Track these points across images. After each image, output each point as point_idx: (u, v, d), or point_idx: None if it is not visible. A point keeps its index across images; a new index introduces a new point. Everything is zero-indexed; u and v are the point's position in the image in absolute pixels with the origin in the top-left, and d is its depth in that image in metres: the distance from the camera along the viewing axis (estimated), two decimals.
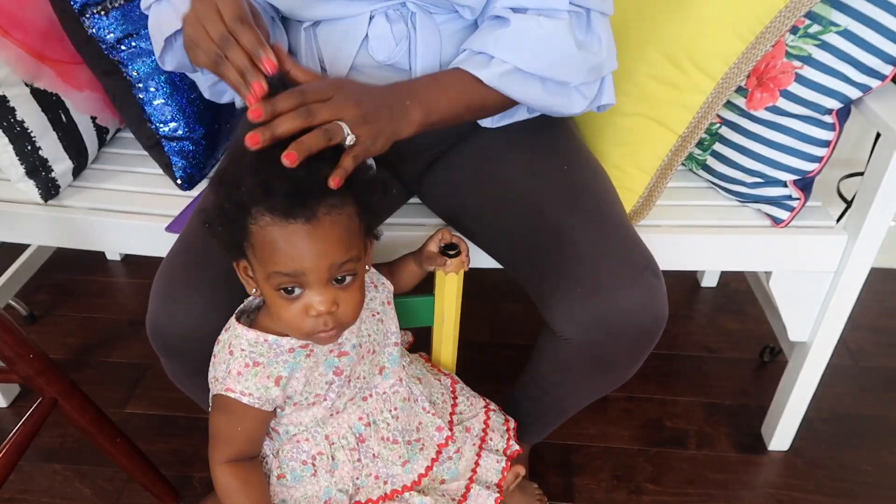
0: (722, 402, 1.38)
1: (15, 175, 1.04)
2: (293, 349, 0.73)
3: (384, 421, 0.82)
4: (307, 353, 0.74)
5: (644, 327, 0.80)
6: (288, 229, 0.64)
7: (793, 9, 0.91)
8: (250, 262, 0.69)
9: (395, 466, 0.82)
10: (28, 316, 1.54)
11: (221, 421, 0.75)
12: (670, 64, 0.98)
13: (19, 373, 0.90)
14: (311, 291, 0.67)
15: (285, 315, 0.68)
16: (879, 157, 0.97)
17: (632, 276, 0.79)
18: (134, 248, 1.08)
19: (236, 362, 0.72)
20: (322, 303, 0.67)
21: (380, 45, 0.84)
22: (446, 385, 0.93)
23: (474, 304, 1.56)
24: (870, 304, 1.56)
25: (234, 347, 0.73)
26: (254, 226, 0.65)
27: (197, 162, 1.10)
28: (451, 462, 0.86)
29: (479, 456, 0.88)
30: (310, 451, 0.79)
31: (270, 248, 0.65)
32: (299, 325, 0.68)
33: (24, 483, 1.21)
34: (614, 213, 0.87)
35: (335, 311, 0.68)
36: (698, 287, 1.67)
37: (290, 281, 0.66)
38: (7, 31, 0.98)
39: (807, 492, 1.22)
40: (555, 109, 0.83)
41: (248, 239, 0.66)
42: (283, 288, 0.67)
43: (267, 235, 0.64)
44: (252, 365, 0.72)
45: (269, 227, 0.64)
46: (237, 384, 0.72)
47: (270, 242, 0.64)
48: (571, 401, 0.96)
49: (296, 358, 0.73)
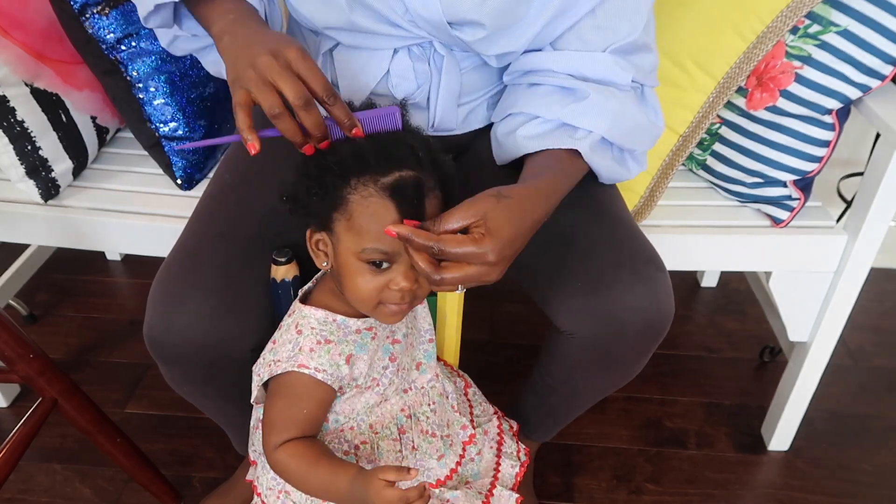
0: (722, 402, 1.38)
1: (15, 175, 1.04)
2: (360, 330, 0.74)
3: (424, 414, 0.82)
4: (372, 335, 0.75)
5: (649, 321, 0.79)
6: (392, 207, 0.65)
7: (794, 9, 0.91)
8: (336, 232, 0.69)
9: (432, 460, 0.82)
10: (28, 316, 1.54)
11: (282, 405, 0.74)
12: (672, 63, 0.98)
13: (19, 373, 0.90)
14: (398, 268, 0.68)
15: (364, 286, 0.69)
16: (879, 157, 0.97)
17: (634, 270, 0.79)
18: (133, 248, 1.07)
19: (307, 340, 0.72)
20: (408, 279, 0.68)
21: (400, 82, 0.84)
22: (460, 388, 0.93)
23: (474, 304, 1.56)
24: (870, 304, 1.56)
25: (303, 327, 0.73)
26: (354, 195, 0.66)
27: (197, 162, 1.10)
28: (474, 463, 0.86)
29: (499, 457, 0.88)
30: (353, 441, 0.79)
31: (372, 220, 0.65)
32: (375, 297, 0.69)
33: (24, 483, 1.21)
34: (616, 209, 0.87)
35: (414, 289, 0.69)
36: (698, 287, 1.67)
37: (384, 257, 0.67)
38: (7, 31, 0.98)
39: (807, 492, 1.22)
40: (614, 177, 0.84)
41: (344, 208, 0.67)
42: (373, 262, 0.67)
43: (369, 207, 0.65)
44: (324, 342, 0.73)
45: (374, 198, 0.65)
46: (311, 360, 0.72)
47: (373, 216, 0.65)
48: (579, 398, 0.96)
49: (363, 339, 0.75)
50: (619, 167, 0.82)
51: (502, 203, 0.65)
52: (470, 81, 0.87)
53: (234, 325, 0.78)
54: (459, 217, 0.64)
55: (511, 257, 0.66)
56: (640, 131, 0.81)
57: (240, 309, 0.78)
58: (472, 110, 0.91)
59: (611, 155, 0.81)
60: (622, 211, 0.88)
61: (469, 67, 0.86)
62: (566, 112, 0.77)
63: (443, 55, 0.83)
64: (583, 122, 0.77)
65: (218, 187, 0.91)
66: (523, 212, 0.66)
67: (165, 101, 1.05)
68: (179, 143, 1.07)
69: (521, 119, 0.81)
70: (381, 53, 0.83)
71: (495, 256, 0.63)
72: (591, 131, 0.77)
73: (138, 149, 1.15)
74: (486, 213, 0.64)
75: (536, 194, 0.70)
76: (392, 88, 0.84)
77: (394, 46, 0.82)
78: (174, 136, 1.07)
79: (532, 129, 0.79)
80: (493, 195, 0.66)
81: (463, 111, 0.90)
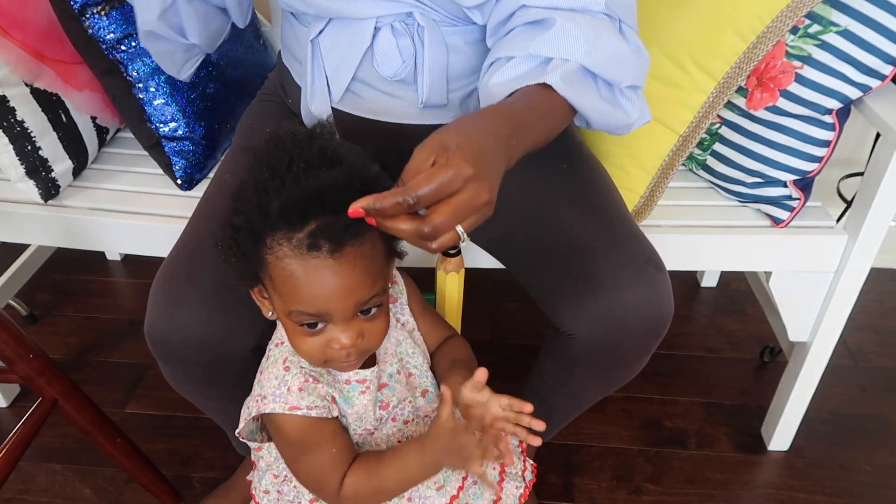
0: (722, 402, 1.38)
1: (15, 175, 1.04)
2: (349, 381, 0.71)
3: None
4: (362, 389, 0.71)
5: (649, 321, 0.79)
6: (310, 264, 0.59)
7: (794, 9, 0.91)
8: (267, 290, 0.65)
9: (430, 490, 0.78)
10: (28, 316, 1.54)
11: (310, 459, 0.70)
12: (672, 63, 0.98)
13: (19, 373, 0.90)
14: (334, 326, 0.63)
15: (304, 347, 0.65)
16: (879, 157, 0.97)
17: (634, 269, 0.78)
18: (134, 248, 1.07)
19: (296, 379, 0.68)
20: (348, 338, 0.64)
21: (385, 60, 0.82)
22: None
23: (474, 304, 1.55)
24: (870, 304, 1.56)
25: (291, 364, 0.69)
26: (270, 256, 0.60)
27: (197, 162, 1.10)
28: (477, 487, 0.83)
29: (501, 480, 0.86)
30: None
31: (291, 284, 0.60)
32: (320, 357, 0.66)
33: (24, 483, 1.21)
34: (615, 209, 0.87)
35: (359, 343, 0.65)
36: (698, 287, 1.67)
37: (314, 318, 0.63)
38: (7, 31, 0.98)
39: (807, 492, 1.22)
40: (609, 121, 0.76)
41: (265, 270, 0.62)
42: (305, 324, 0.63)
43: (285, 269, 0.60)
44: (312, 381, 0.69)
45: (288, 259, 0.59)
46: (301, 401, 0.68)
47: (290, 278, 0.60)
48: (579, 398, 0.96)
49: (349, 392, 0.71)
50: (610, 108, 0.73)
51: (451, 128, 0.59)
52: (459, 62, 0.84)
53: (234, 324, 0.78)
54: (417, 164, 0.57)
55: (490, 173, 0.58)
56: (623, 59, 0.73)
57: (241, 308, 0.78)
58: (468, 95, 0.87)
59: (596, 90, 0.72)
60: (622, 210, 0.88)
61: (456, 45, 0.83)
62: (536, 44, 0.70)
63: (424, 26, 0.80)
64: (554, 49, 0.69)
65: (219, 187, 0.91)
66: (475, 126, 0.60)
67: (165, 101, 1.05)
68: (178, 143, 1.07)
69: (495, 66, 0.74)
70: (363, 29, 0.81)
71: (470, 168, 0.55)
72: (566, 59, 0.69)
73: (138, 149, 1.15)
74: (440, 142, 0.57)
75: (484, 112, 0.63)
76: (377, 67, 0.83)
77: (374, 15, 0.80)
78: (174, 136, 1.07)
79: (504, 73, 0.72)
80: (441, 129, 0.59)
81: (457, 97, 0.87)
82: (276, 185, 0.59)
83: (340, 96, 0.86)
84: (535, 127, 0.67)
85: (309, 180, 0.58)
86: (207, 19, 0.91)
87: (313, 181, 0.58)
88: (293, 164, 0.60)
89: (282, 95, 1.01)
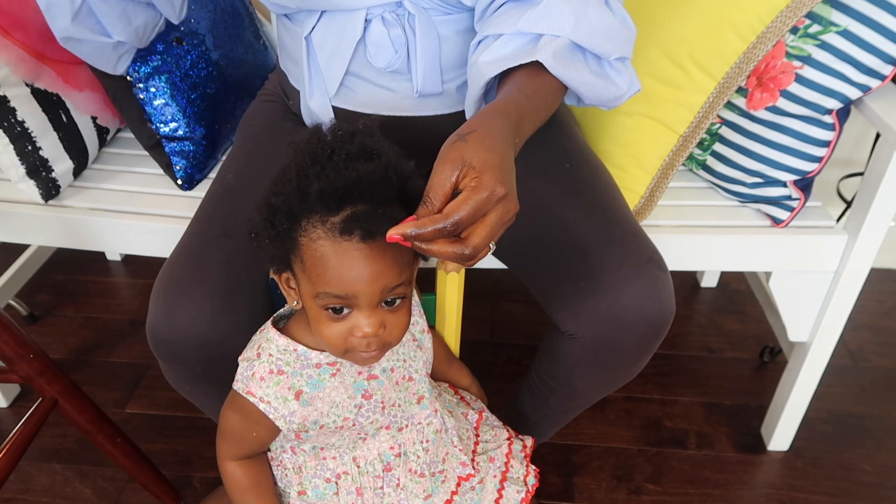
0: (722, 402, 1.38)
1: (15, 175, 1.04)
2: (320, 364, 0.71)
3: (415, 453, 0.79)
4: (333, 371, 0.72)
5: (650, 320, 0.79)
6: (342, 247, 0.60)
7: (794, 9, 0.91)
8: (296, 275, 0.66)
9: (417, 499, 0.80)
10: (28, 316, 1.54)
11: (236, 420, 0.74)
12: (671, 63, 0.98)
13: (19, 373, 0.90)
14: (359, 313, 0.64)
15: (328, 333, 0.65)
16: (879, 157, 0.97)
17: (635, 269, 0.78)
18: (134, 248, 1.07)
19: (262, 366, 0.71)
20: (370, 325, 0.64)
21: (378, 52, 0.82)
22: (472, 421, 0.90)
23: (474, 304, 1.56)
24: (870, 304, 1.56)
25: (263, 351, 0.71)
26: (303, 238, 0.62)
27: (197, 162, 1.10)
28: (474, 493, 0.83)
29: (502, 487, 0.86)
30: (335, 470, 0.78)
31: (321, 265, 0.61)
32: (340, 344, 0.66)
33: (24, 483, 1.21)
34: (616, 208, 0.86)
35: (381, 334, 0.65)
36: (698, 287, 1.67)
37: (340, 302, 0.63)
38: (7, 31, 0.98)
39: (807, 492, 1.22)
40: (601, 95, 0.77)
41: (297, 252, 0.63)
42: (330, 307, 0.64)
43: (318, 250, 0.61)
44: (276, 372, 0.70)
45: (322, 241, 0.61)
46: (258, 389, 0.70)
47: (321, 259, 0.61)
48: (579, 398, 0.96)
49: (320, 375, 0.71)
50: (601, 81, 0.74)
51: (470, 140, 0.60)
52: (451, 52, 0.83)
53: (236, 324, 0.79)
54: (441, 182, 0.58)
55: (512, 182, 0.60)
56: (610, 31, 0.74)
57: (242, 307, 0.78)
58: (464, 84, 0.86)
59: (586, 65, 0.73)
60: (624, 210, 0.88)
61: (447, 35, 0.82)
62: (524, 20, 0.71)
63: (414, 14, 0.80)
64: (542, 25, 0.71)
65: (221, 187, 0.91)
66: (492, 136, 0.61)
67: (166, 101, 1.05)
68: (179, 143, 1.07)
69: (484, 44, 0.75)
70: (354, 21, 0.81)
71: (502, 187, 0.57)
72: (556, 36, 0.71)
73: (138, 149, 1.15)
74: (462, 158, 0.58)
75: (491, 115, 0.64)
76: (371, 59, 0.83)
77: (365, 6, 0.80)
78: (175, 137, 1.07)
79: (493, 51, 0.73)
80: (456, 140, 0.60)
81: (452, 86, 0.86)
82: (316, 171, 0.61)
83: (335, 91, 0.86)
84: (534, 117, 0.69)
85: (349, 170, 0.60)
86: (128, 15, 0.92)
87: (353, 171, 0.60)
88: (334, 155, 0.62)
89: (282, 96, 1.01)
